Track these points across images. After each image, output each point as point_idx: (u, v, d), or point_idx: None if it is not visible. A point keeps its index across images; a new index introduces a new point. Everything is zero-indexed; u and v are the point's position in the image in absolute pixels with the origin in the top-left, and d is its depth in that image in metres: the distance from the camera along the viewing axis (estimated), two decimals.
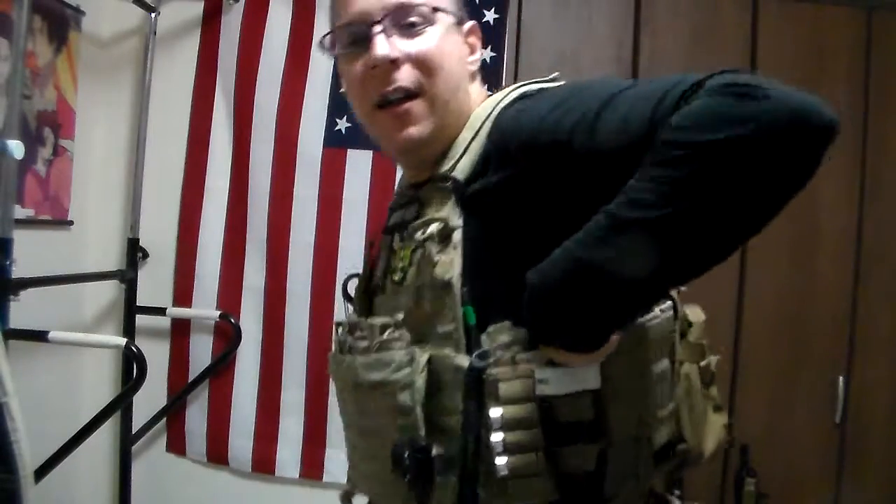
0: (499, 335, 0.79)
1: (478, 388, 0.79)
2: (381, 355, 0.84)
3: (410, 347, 0.83)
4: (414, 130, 0.88)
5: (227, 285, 2.32)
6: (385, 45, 0.85)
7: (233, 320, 2.27)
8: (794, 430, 2.13)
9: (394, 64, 0.86)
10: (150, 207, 2.29)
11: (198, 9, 2.34)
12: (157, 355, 2.27)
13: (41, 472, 1.65)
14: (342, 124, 2.27)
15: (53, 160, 2.13)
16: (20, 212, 1.91)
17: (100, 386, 2.31)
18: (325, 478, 2.26)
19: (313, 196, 2.28)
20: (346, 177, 2.27)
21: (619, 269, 0.69)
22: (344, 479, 2.44)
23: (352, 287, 1.05)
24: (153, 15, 2.24)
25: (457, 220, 0.83)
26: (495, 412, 0.77)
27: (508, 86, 0.92)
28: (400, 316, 0.85)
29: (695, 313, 1.00)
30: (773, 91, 0.65)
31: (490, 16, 2.22)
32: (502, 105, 0.88)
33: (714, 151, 0.64)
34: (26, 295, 1.70)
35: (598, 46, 2.22)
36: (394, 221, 0.97)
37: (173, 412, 2.35)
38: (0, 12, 1.86)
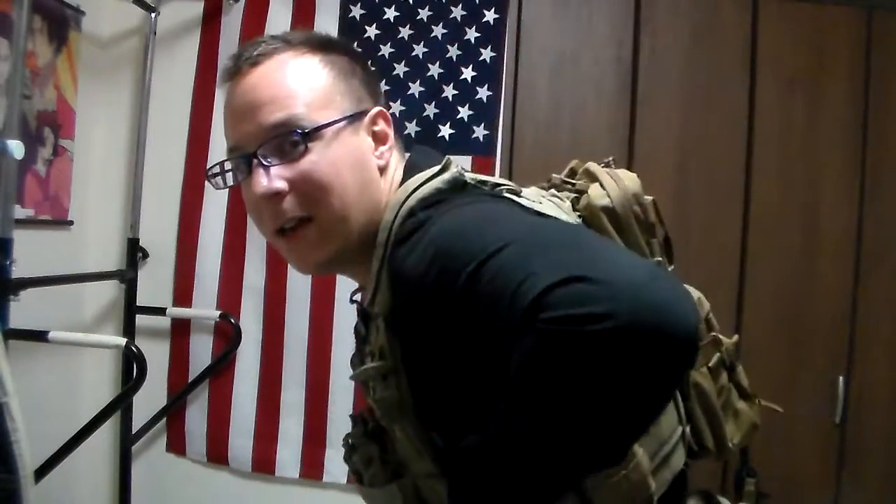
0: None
1: None
2: (371, 490, 0.88)
3: (389, 485, 0.85)
4: (311, 258, 0.84)
5: (227, 285, 2.32)
6: (263, 179, 0.80)
7: (233, 320, 2.27)
8: (794, 430, 2.13)
9: (278, 196, 0.80)
10: (150, 207, 2.29)
11: (198, 9, 2.34)
12: (157, 355, 2.27)
13: (41, 472, 1.65)
14: None
15: (53, 160, 2.13)
16: (20, 212, 1.91)
17: (100, 386, 2.31)
18: (325, 478, 2.26)
19: None
20: None
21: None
22: (344, 479, 2.44)
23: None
24: (153, 15, 2.24)
25: (395, 355, 0.78)
26: None
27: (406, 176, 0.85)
28: (375, 451, 0.87)
29: (700, 305, 0.96)
30: (601, 327, 0.54)
31: (490, 16, 2.22)
32: (395, 228, 0.78)
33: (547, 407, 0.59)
34: (26, 295, 1.70)
35: (598, 46, 2.22)
36: (356, 325, 0.93)
37: (173, 412, 2.34)
38: (0, 12, 1.86)
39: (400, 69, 2.26)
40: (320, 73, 0.83)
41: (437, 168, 0.83)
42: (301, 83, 0.81)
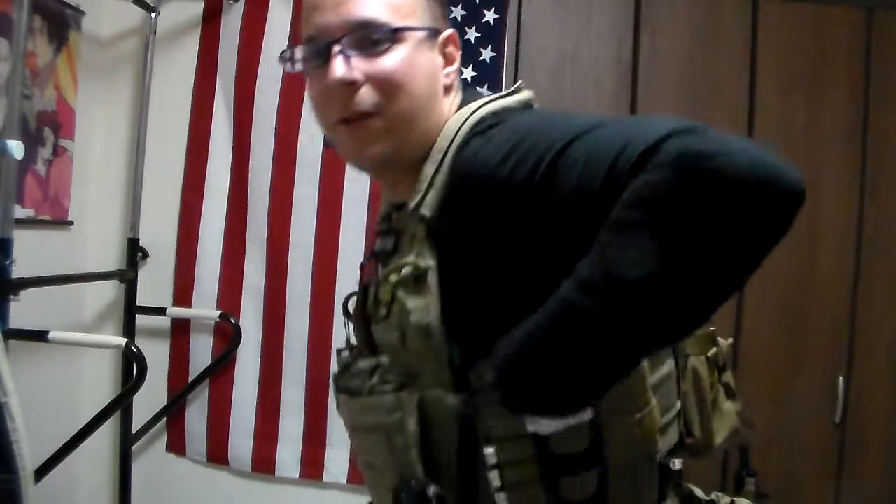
0: (486, 374, 0.76)
1: (471, 428, 0.78)
2: (370, 399, 0.85)
3: (397, 392, 0.82)
4: (372, 150, 0.85)
5: (227, 285, 2.32)
6: (342, 67, 0.82)
7: (233, 320, 2.27)
8: (794, 430, 2.13)
9: (353, 86, 0.82)
10: (150, 207, 2.29)
11: (198, 9, 2.34)
12: (157, 355, 2.27)
13: (41, 472, 1.65)
14: None
15: (53, 160, 2.13)
16: (20, 212, 1.91)
17: (100, 386, 2.31)
18: (325, 478, 2.27)
19: (313, 196, 2.28)
20: (346, 177, 2.27)
21: (581, 353, 0.68)
22: (344, 479, 2.44)
23: (352, 305, 1.03)
24: (153, 15, 2.24)
25: (428, 260, 0.80)
26: (489, 451, 0.77)
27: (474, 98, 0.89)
28: (385, 360, 0.85)
29: None
30: (726, 162, 0.60)
31: (490, 16, 2.22)
32: (461, 135, 0.83)
33: (668, 234, 0.62)
34: (26, 295, 1.70)
35: (598, 46, 2.22)
36: (377, 248, 0.95)
37: (173, 412, 2.35)
38: (0, 12, 1.86)
39: None
40: None
41: (508, 91, 0.88)
42: None
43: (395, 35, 0.83)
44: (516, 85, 0.91)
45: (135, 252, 2.26)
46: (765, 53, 2.19)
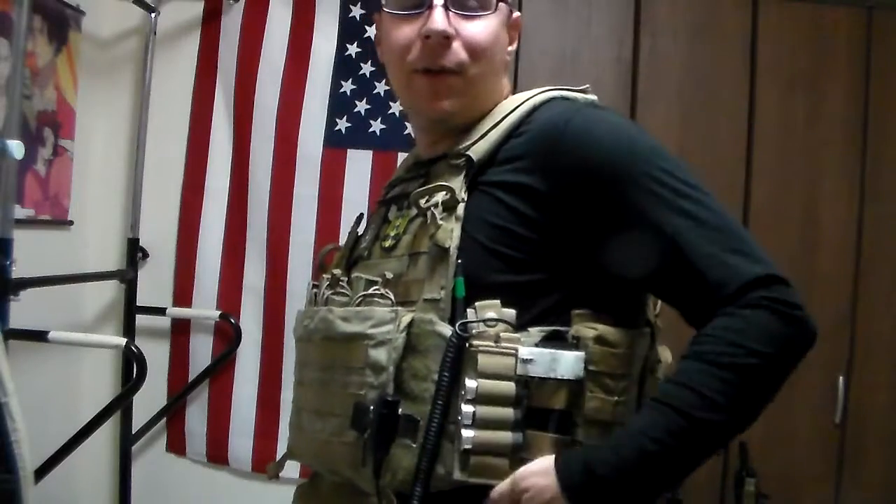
0: (486, 311, 0.80)
1: (457, 357, 0.79)
2: (361, 309, 0.86)
3: (395, 307, 0.84)
4: (447, 104, 0.91)
5: (227, 285, 2.32)
6: (444, 20, 0.87)
7: (233, 320, 2.27)
8: (794, 430, 2.13)
9: (447, 40, 0.88)
10: (150, 207, 2.29)
11: (198, 9, 2.34)
12: (157, 355, 2.27)
13: (41, 472, 1.65)
14: (342, 124, 2.27)
15: (53, 160, 2.13)
16: (20, 212, 1.91)
17: (100, 386, 2.31)
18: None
19: (313, 196, 2.28)
20: (346, 177, 2.27)
21: (685, 466, 0.76)
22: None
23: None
24: (153, 15, 2.24)
25: (462, 195, 0.85)
26: (471, 384, 0.78)
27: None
28: (390, 275, 0.87)
29: (665, 353, 0.97)
30: (805, 315, 0.78)
31: None
32: (531, 103, 0.90)
33: (770, 367, 0.75)
34: (26, 295, 1.70)
35: (598, 46, 2.22)
36: (394, 194, 1.00)
37: (173, 412, 2.34)
38: (0, 12, 1.85)
39: None
40: None
41: (579, 88, 0.96)
42: None
43: (495, 4, 0.90)
44: (585, 86, 0.97)
45: (135, 252, 2.26)
46: (765, 53, 2.19)
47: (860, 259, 2.16)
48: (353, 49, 2.28)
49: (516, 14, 0.98)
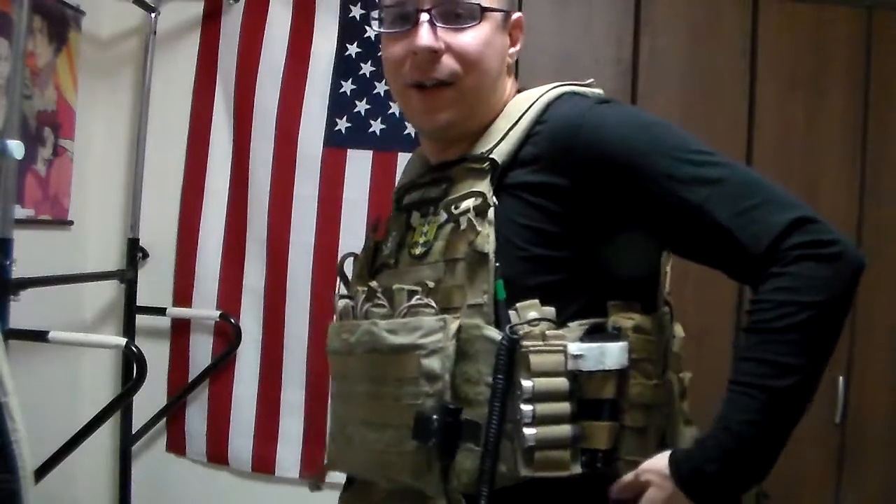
0: (528, 311, 0.83)
1: (510, 359, 0.81)
2: (408, 320, 0.86)
3: (441, 315, 0.84)
4: (441, 116, 0.92)
5: (227, 285, 2.32)
6: (430, 35, 0.88)
7: (233, 320, 2.27)
8: (794, 430, 2.12)
9: (435, 54, 0.88)
10: (150, 207, 2.29)
11: (198, 9, 2.34)
12: (157, 355, 2.27)
13: (41, 472, 1.65)
14: (342, 124, 2.27)
15: (53, 160, 2.13)
16: (20, 212, 1.91)
17: (100, 386, 2.31)
18: (326, 478, 2.26)
19: (313, 196, 2.28)
20: (346, 177, 2.27)
21: (787, 432, 0.81)
22: (344, 480, 2.44)
23: (349, 268, 1.07)
24: (153, 15, 2.24)
25: (493, 199, 0.86)
26: (527, 384, 0.80)
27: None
28: (431, 284, 0.87)
29: (678, 328, 1.00)
30: (843, 247, 0.80)
31: None
32: (544, 101, 0.91)
33: (828, 311, 0.79)
34: (26, 295, 1.70)
35: (598, 46, 2.22)
36: (412, 200, 0.99)
37: (173, 412, 2.34)
38: (0, 12, 1.85)
39: None
40: None
41: (584, 83, 0.97)
42: None
43: (480, 13, 0.89)
44: (590, 81, 0.98)
45: (135, 252, 2.26)
46: (765, 53, 2.18)
47: None
48: (353, 49, 2.28)
49: (517, 14, 0.97)
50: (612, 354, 0.83)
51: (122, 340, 1.76)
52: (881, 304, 2.16)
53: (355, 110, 2.27)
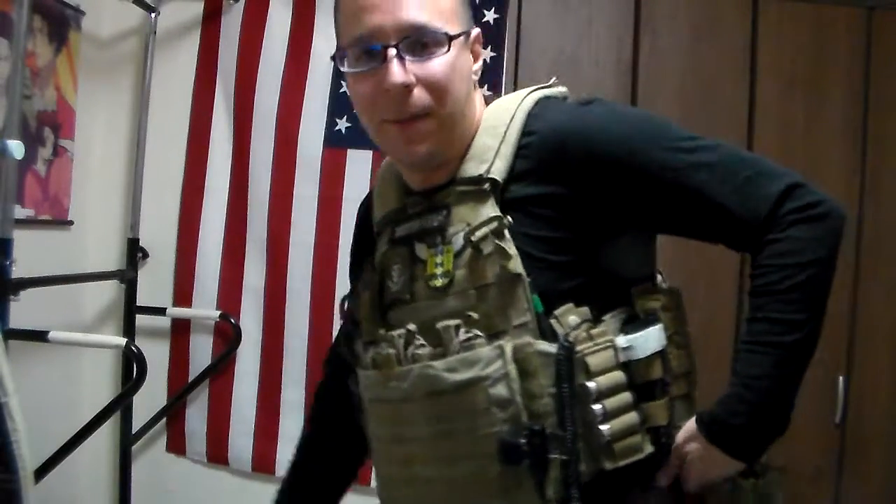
0: (567, 316, 0.87)
1: (569, 366, 0.85)
2: (464, 355, 0.86)
3: (494, 342, 0.86)
4: (421, 148, 0.91)
5: (227, 285, 2.32)
6: (400, 72, 0.87)
7: (233, 320, 2.27)
8: (794, 430, 2.11)
9: (407, 88, 0.88)
10: (150, 207, 2.29)
11: (198, 9, 2.34)
12: (157, 355, 2.27)
13: (41, 472, 1.65)
14: (342, 124, 2.27)
15: (53, 160, 2.13)
16: (20, 212, 1.91)
17: (100, 386, 2.31)
18: None
19: (313, 196, 2.28)
20: (346, 177, 2.27)
21: (798, 381, 0.87)
22: None
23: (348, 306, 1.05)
24: (153, 15, 2.24)
25: (507, 219, 0.87)
26: (591, 385, 0.85)
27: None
28: (475, 315, 0.87)
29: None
30: (828, 205, 0.90)
31: (490, 16, 2.22)
32: (524, 111, 0.92)
33: (823, 267, 0.87)
34: (26, 295, 1.70)
35: (598, 46, 2.22)
36: (409, 231, 0.97)
37: (173, 412, 2.34)
38: (0, 12, 1.86)
39: None
40: None
41: (547, 84, 0.99)
42: None
43: (448, 40, 0.88)
44: (553, 80, 0.99)
45: (135, 252, 2.26)
46: (765, 53, 2.19)
47: (860, 259, 2.16)
48: None
49: (474, 32, 0.96)
50: (654, 338, 0.88)
51: (122, 340, 1.76)
52: (881, 303, 2.16)
53: (355, 110, 2.26)
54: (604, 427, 0.84)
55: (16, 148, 1.57)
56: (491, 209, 0.89)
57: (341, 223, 2.26)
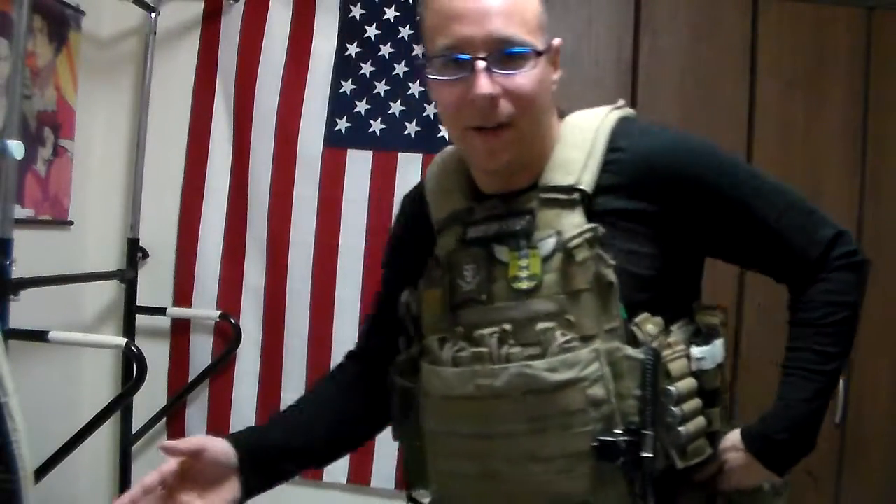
0: (645, 325, 0.92)
1: (655, 371, 0.90)
2: (565, 356, 0.90)
3: (591, 346, 0.90)
4: (503, 157, 0.95)
5: (227, 285, 2.32)
6: (488, 84, 0.89)
7: (233, 320, 2.27)
8: None
9: (494, 99, 0.90)
10: (150, 207, 2.29)
11: (198, 9, 2.34)
12: (157, 355, 2.27)
13: (41, 472, 1.65)
14: (342, 124, 2.27)
15: (53, 160, 2.13)
16: (20, 212, 1.91)
17: (100, 386, 2.31)
18: (326, 478, 2.26)
19: (313, 196, 2.28)
20: (346, 177, 2.27)
21: (828, 399, 0.99)
22: (344, 480, 2.44)
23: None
24: (153, 15, 2.24)
25: (601, 229, 0.92)
26: (673, 389, 0.91)
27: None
28: (571, 318, 0.91)
29: None
30: (862, 255, 1.04)
31: None
32: (608, 128, 0.98)
33: (856, 309, 1.01)
34: (26, 295, 1.70)
35: (598, 46, 2.22)
36: (486, 233, 0.98)
37: (173, 412, 2.35)
38: (0, 12, 1.86)
39: (400, 69, 2.26)
40: (536, 1, 0.95)
41: (620, 105, 1.06)
42: (526, 6, 0.93)
43: (535, 56, 0.92)
44: (621, 102, 1.05)
45: (135, 252, 2.26)
46: (765, 53, 2.18)
47: None
48: (353, 49, 2.28)
49: (556, 43, 0.98)
50: (719, 351, 0.98)
51: (122, 340, 1.76)
52: (881, 303, 2.16)
53: (355, 110, 2.27)
54: (681, 428, 0.91)
55: (16, 148, 1.57)
56: (580, 218, 0.93)
57: (341, 223, 2.27)
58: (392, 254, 1.17)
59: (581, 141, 0.97)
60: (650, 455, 0.89)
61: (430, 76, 0.95)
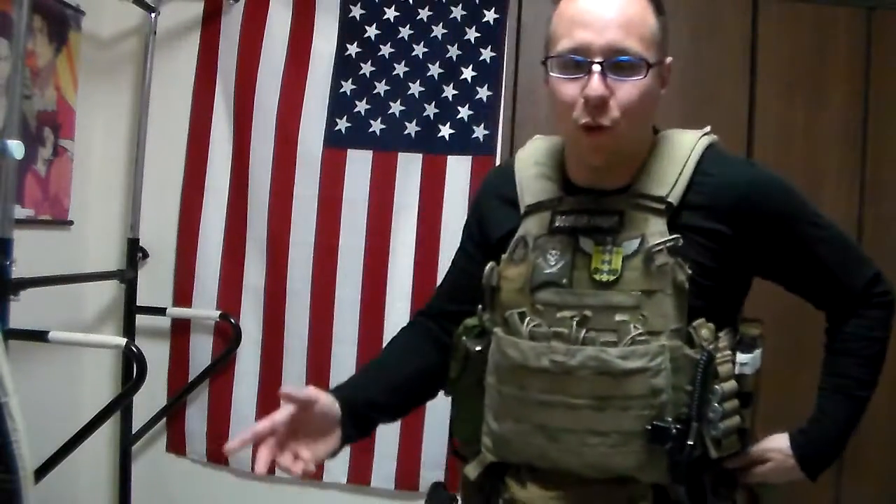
0: (701, 329, 1.03)
1: (707, 371, 1.01)
2: (635, 347, 1.00)
3: (658, 341, 1.00)
4: (601, 157, 1.05)
5: (227, 285, 2.32)
6: (601, 85, 0.98)
7: (233, 320, 2.27)
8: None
9: (604, 101, 0.99)
10: (150, 207, 2.29)
11: (198, 9, 2.34)
12: (157, 355, 2.27)
13: (41, 472, 1.65)
14: (342, 124, 2.27)
15: (53, 160, 2.13)
16: (20, 212, 1.91)
17: (100, 386, 2.31)
18: (325, 478, 2.26)
19: (313, 196, 2.28)
20: (346, 177, 2.27)
21: (860, 420, 1.14)
22: (344, 480, 2.44)
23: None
24: (153, 15, 2.24)
25: (680, 240, 1.02)
26: (719, 388, 1.02)
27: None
28: (646, 313, 1.01)
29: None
30: (893, 295, 1.15)
31: (490, 16, 2.22)
32: (699, 151, 1.08)
33: (886, 343, 1.14)
34: (26, 295, 1.70)
35: None
36: (575, 224, 1.08)
37: (173, 412, 2.35)
38: (0, 12, 1.86)
39: (400, 69, 2.26)
40: (654, 18, 1.04)
41: (707, 131, 1.15)
42: (646, 20, 1.02)
43: (647, 68, 1.00)
44: (708, 128, 1.13)
45: (135, 252, 2.26)
46: (765, 53, 2.19)
47: None
48: (353, 49, 2.28)
49: (668, 60, 1.08)
50: (758, 359, 1.09)
51: (122, 340, 1.77)
52: None
53: (355, 110, 2.27)
54: (721, 424, 1.02)
55: (16, 148, 1.57)
56: (663, 226, 1.03)
57: (341, 223, 2.27)
58: (471, 224, 1.26)
59: (679, 158, 1.07)
60: (692, 443, 0.99)
61: (550, 74, 1.03)
